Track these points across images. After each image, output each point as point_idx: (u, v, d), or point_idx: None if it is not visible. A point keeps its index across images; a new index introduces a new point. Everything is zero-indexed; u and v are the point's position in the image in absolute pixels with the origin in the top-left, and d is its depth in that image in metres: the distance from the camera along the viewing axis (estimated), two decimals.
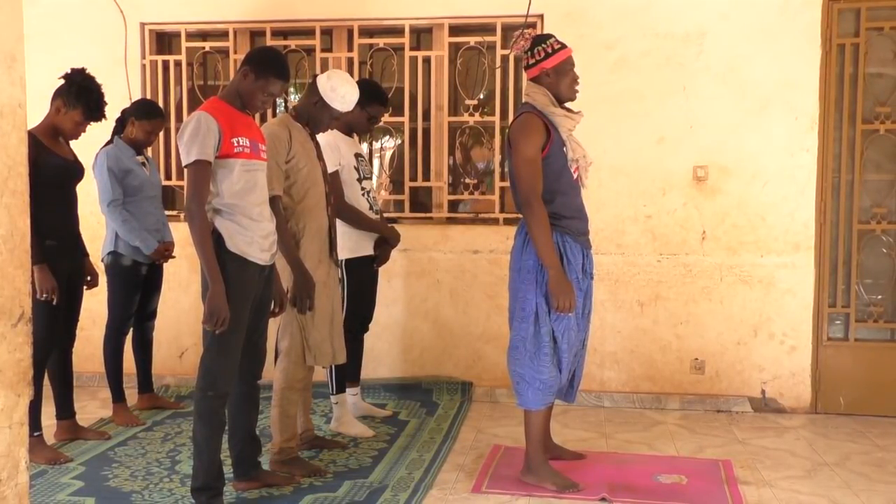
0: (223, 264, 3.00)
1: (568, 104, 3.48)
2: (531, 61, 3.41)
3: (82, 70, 3.80)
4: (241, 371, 3.22)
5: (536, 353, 3.40)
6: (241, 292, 3.06)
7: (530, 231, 3.34)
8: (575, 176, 3.44)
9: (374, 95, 4.22)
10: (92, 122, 3.82)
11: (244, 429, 3.37)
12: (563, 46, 3.41)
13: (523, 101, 3.52)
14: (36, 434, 3.69)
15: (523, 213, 3.40)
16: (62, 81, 3.76)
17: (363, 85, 4.05)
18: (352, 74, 5.11)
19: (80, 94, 3.71)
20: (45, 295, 3.61)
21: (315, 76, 3.74)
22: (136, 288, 4.41)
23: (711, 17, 4.74)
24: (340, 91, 3.60)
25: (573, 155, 3.42)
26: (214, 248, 3.00)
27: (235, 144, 3.05)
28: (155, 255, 4.33)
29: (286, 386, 3.61)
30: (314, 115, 3.64)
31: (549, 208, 3.36)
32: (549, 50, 3.38)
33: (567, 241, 3.41)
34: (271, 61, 3.17)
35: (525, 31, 3.35)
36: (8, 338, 1.67)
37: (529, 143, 3.34)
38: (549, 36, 3.45)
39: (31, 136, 3.66)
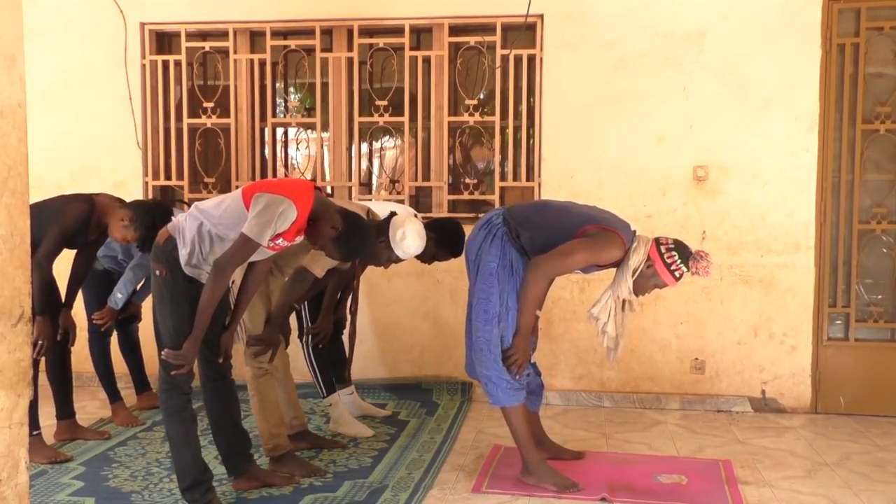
0: (179, 283, 3.09)
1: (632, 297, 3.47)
2: (667, 257, 3.35)
3: (162, 203, 3.96)
4: (210, 371, 3.33)
5: (501, 355, 3.44)
6: (193, 307, 3.09)
7: (530, 287, 3.37)
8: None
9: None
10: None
11: (228, 422, 3.41)
12: (674, 276, 3.35)
13: (639, 234, 3.47)
14: (34, 433, 3.68)
15: (534, 260, 3.38)
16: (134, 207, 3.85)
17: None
18: (351, 74, 5.13)
19: (144, 225, 3.73)
20: (39, 342, 3.64)
21: (393, 213, 3.71)
22: (103, 286, 4.36)
23: (711, 17, 4.74)
24: (407, 242, 3.64)
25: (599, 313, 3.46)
26: (171, 266, 3.08)
27: (279, 242, 3.07)
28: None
29: (255, 375, 3.67)
30: (375, 249, 3.64)
31: (527, 243, 3.45)
32: (672, 267, 3.34)
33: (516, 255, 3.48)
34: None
35: (709, 265, 3.35)
36: (8, 338, 1.67)
37: (596, 253, 3.36)
38: (688, 263, 3.34)
39: (93, 204, 3.80)
